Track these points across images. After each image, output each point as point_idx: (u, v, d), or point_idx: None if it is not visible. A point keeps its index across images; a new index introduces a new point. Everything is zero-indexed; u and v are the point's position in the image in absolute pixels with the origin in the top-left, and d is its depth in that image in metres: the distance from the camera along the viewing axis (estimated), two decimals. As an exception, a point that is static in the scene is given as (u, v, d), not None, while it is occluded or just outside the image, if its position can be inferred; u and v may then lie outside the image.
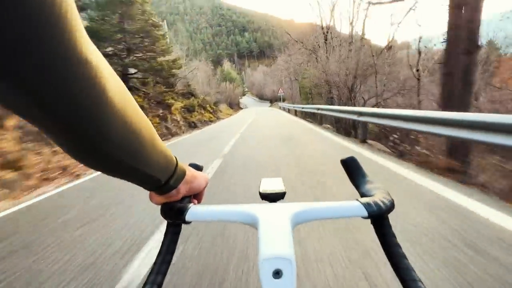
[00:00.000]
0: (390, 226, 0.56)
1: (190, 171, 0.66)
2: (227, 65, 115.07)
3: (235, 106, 75.48)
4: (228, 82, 77.47)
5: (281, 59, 53.24)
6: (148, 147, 0.47)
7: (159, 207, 0.64)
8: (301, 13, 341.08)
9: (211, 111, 31.74)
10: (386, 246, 0.54)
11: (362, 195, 0.63)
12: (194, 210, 0.60)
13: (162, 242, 0.59)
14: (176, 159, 0.60)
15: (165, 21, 29.15)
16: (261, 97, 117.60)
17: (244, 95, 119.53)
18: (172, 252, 0.58)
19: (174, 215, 0.60)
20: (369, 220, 0.57)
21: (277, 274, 0.44)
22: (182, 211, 0.60)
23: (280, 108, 47.60)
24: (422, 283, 0.48)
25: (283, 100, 59.93)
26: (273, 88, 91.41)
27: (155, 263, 0.55)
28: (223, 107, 52.25)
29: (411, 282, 0.48)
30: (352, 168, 0.68)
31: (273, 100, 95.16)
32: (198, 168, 0.76)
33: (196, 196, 0.72)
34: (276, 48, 68.81)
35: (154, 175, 0.52)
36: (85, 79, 0.31)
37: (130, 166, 0.45)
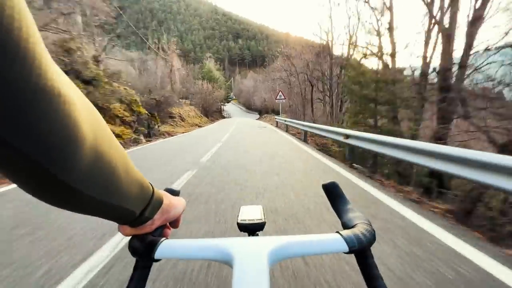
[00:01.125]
0: (372, 257, 0.57)
1: (168, 199, 0.63)
2: (211, 63, 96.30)
3: (215, 113, 60.00)
4: (206, 82, 60.06)
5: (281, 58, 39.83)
6: (122, 178, 0.45)
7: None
8: (298, 28, 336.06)
9: (147, 121, 17.57)
10: (368, 278, 0.55)
11: (344, 224, 0.63)
12: (165, 246, 0.57)
13: (130, 278, 0.56)
14: (152, 186, 0.56)
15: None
16: (249, 107, 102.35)
17: (228, 101, 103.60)
18: None
19: (143, 252, 0.57)
20: None
21: None
22: (152, 247, 0.57)
23: (275, 124, 30.89)
24: None
25: (278, 114, 38.06)
26: (264, 96, 75.96)
27: None
28: (190, 113, 37.29)
29: None
30: (333, 194, 0.69)
31: (263, 111, 79.19)
32: (175, 193, 0.73)
33: (172, 222, 0.69)
34: (271, 56, 52.46)
35: (128, 208, 0.49)
36: (57, 112, 0.30)
37: (101, 201, 0.42)
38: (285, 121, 22.68)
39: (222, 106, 77.62)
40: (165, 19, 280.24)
